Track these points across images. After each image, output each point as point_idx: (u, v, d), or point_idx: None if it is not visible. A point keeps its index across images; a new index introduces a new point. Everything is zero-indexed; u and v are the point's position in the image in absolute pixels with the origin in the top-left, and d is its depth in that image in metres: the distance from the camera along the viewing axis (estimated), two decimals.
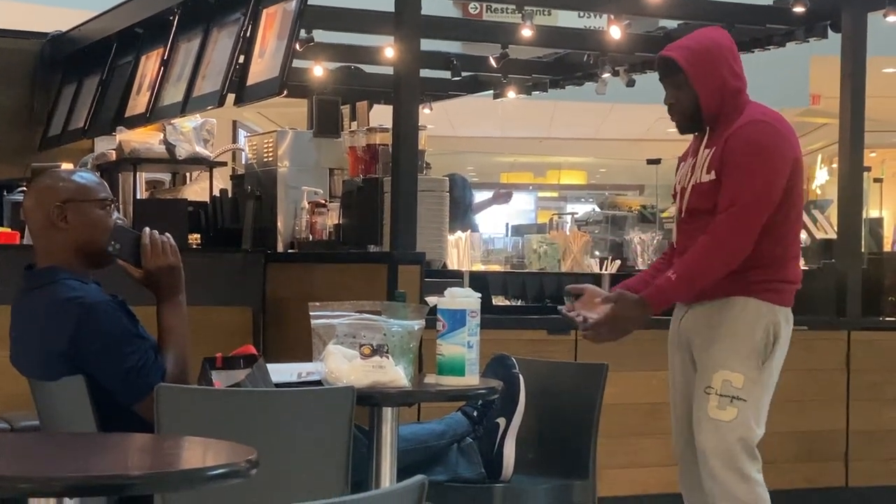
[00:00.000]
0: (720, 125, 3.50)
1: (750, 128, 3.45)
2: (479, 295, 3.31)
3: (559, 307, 3.62)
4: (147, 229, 3.12)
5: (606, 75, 7.38)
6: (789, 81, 12.36)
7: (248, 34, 5.04)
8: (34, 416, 3.23)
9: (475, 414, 3.57)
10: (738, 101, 3.51)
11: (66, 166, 5.38)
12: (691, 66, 3.48)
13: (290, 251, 5.45)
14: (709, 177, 3.48)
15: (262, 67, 4.93)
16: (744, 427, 3.47)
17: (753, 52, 6.72)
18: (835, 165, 6.87)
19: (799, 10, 6.03)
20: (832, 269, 5.68)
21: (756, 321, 3.47)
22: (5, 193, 5.54)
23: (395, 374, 3.08)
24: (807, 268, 6.47)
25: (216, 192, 5.73)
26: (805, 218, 7.11)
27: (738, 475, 3.46)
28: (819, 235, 6.79)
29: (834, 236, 6.13)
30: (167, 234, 3.15)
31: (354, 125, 5.92)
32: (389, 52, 6.31)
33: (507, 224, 9.05)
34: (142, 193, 5.91)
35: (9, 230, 5.11)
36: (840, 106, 5.63)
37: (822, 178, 14.48)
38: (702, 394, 3.50)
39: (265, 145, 5.69)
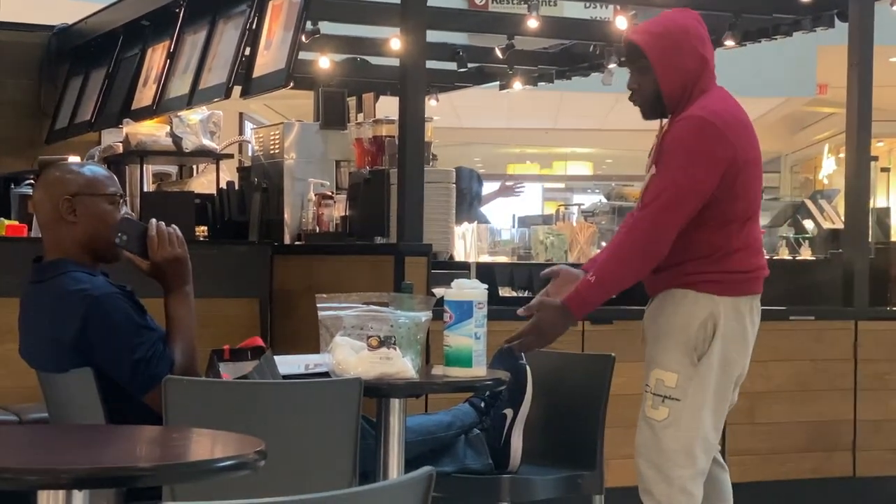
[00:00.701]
0: (676, 114, 3.40)
1: (682, 124, 3.33)
2: (486, 286, 3.31)
3: (518, 310, 3.47)
4: (154, 221, 3.12)
5: (612, 66, 7.38)
6: (796, 71, 12.35)
7: (254, 26, 5.04)
8: (43, 408, 3.23)
9: (482, 405, 3.57)
10: (698, 87, 3.38)
11: (74, 159, 5.39)
12: (653, 51, 3.37)
13: (296, 243, 5.45)
14: (653, 171, 3.39)
15: (269, 59, 4.93)
16: (678, 428, 3.33)
17: (760, 41, 6.72)
18: (842, 155, 6.86)
19: None
20: (839, 258, 5.67)
21: (692, 315, 3.34)
22: (13, 186, 5.54)
23: (403, 365, 3.08)
24: (814, 258, 6.48)
25: (223, 185, 5.73)
26: (812, 207, 7.12)
27: (660, 475, 3.34)
28: (826, 225, 6.79)
29: (841, 226, 6.13)
30: (174, 225, 3.16)
31: (361, 117, 5.92)
32: (395, 44, 6.31)
33: (513, 215, 9.04)
34: (148, 186, 5.92)
35: (17, 223, 5.11)
36: (847, 95, 5.62)
37: (829, 168, 14.47)
38: (643, 391, 3.42)
39: (272, 137, 5.69)
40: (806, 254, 6.81)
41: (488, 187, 8.51)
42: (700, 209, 3.32)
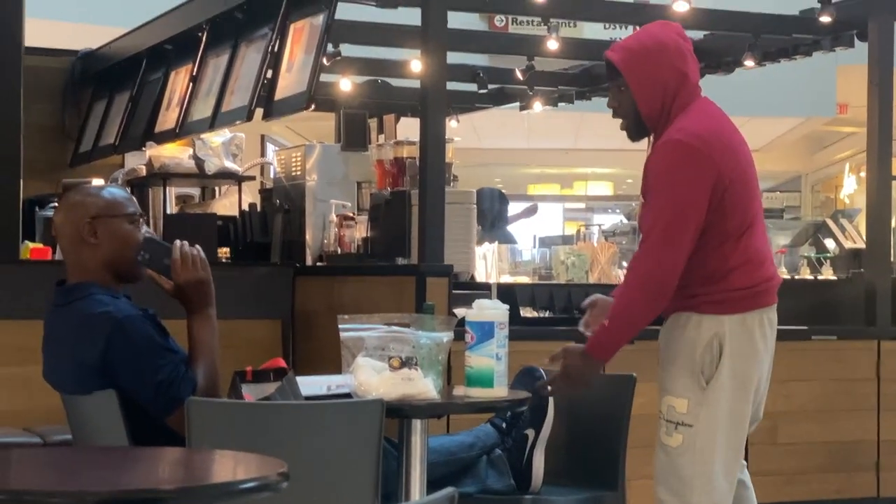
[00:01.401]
0: (658, 134, 3.35)
1: (660, 150, 3.28)
2: (507, 307, 3.32)
3: (545, 360, 3.47)
4: (178, 242, 3.15)
5: None
6: (816, 91, 12.33)
7: (275, 49, 5.08)
8: (66, 430, 3.25)
9: (504, 425, 3.57)
10: (676, 104, 3.31)
11: (97, 182, 5.43)
12: (629, 69, 3.30)
13: (318, 264, 5.47)
14: (642, 200, 3.36)
15: (290, 82, 4.96)
16: (694, 453, 3.28)
17: (780, 61, 6.72)
18: (863, 174, 6.85)
19: (825, 19, 6.02)
20: (861, 278, 5.66)
21: (696, 338, 3.30)
22: (37, 209, 5.59)
23: (424, 386, 3.09)
24: (835, 277, 6.46)
25: (245, 206, 5.76)
26: (833, 227, 7.10)
27: (681, 503, 3.29)
28: (848, 245, 6.78)
29: (862, 245, 6.12)
30: (197, 246, 3.18)
31: (382, 138, 5.94)
32: (416, 66, 6.33)
33: (534, 236, 9.05)
34: (172, 208, 5.96)
35: (41, 245, 5.15)
36: (867, 114, 5.62)
37: (850, 187, 14.42)
38: (658, 418, 3.39)
39: (293, 159, 5.72)
40: (827, 273, 6.79)
41: (511, 208, 8.52)
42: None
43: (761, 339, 3.34)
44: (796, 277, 6.77)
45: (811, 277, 6.79)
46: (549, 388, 3.39)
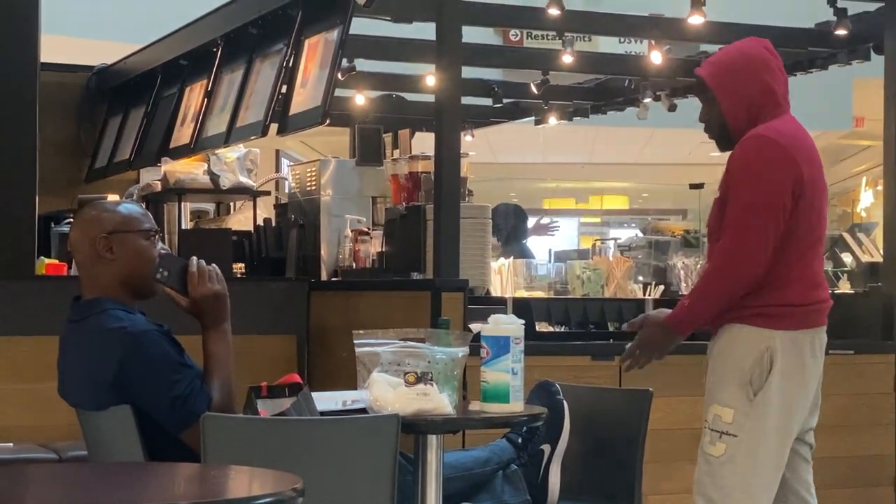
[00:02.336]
0: None
1: (744, 144, 3.35)
2: (523, 321, 3.31)
3: (623, 326, 3.59)
4: (194, 258, 3.15)
5: (648, 100, 7.39)
6: (832, 104, 12.31)
7: (290, 64, 5.08)
8: (82, 446, 3.25)
9: (520, 441, 3.56)
10: (762, 116, 3.39)
11: (112, 197, 5.44)
12: (716, 82, 3.40)
13: (333, 279, 5.46)
14: (717, 195, 3.41)
15: (305, 97, 4.96)
16: (735, 464, 3.30)
17: (796, 75, 6.71)
18: (880, 188, 6.83)
19: (841, 32, 6.01)
20: (878, 292, 5.63)
21: (747, 349, 3.33)
22: (53, 225, 5.60)
23: (440, 401, 3.08)
24: (853, 291, 6.43)
25: (260, 222, 5.77)
26: (850, 241, 7.08)
27: None
28: (865, 258, 6.75)
29: (880, 259, 6.09)
30: (213, 263, 3.18)
31: (397, 153, 5.94)
32: (431, 80, 6.34)
33: (549, 250, 9.04)
34: (186, 223, 5.96)
35: (57, 261, 5.16)
36: (884, 128, 5.59)
37: (867, 201, 14.38)
38: (703, 427, 3.42)
39: (308, 174, 5.72)
40: (844, 287, 6.76)
41: (530, 224, 8.52)
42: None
43: (811, 359, 3.37)
44: None
45: None
46: (626, 361, 3.47)
